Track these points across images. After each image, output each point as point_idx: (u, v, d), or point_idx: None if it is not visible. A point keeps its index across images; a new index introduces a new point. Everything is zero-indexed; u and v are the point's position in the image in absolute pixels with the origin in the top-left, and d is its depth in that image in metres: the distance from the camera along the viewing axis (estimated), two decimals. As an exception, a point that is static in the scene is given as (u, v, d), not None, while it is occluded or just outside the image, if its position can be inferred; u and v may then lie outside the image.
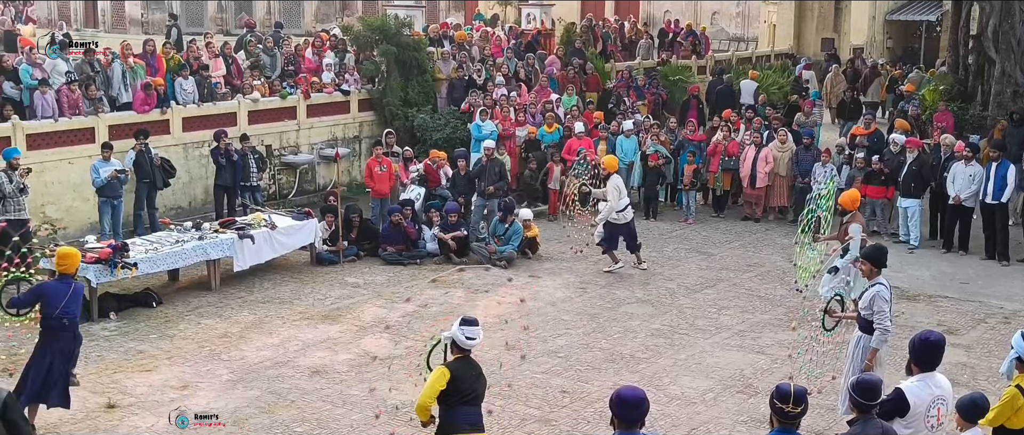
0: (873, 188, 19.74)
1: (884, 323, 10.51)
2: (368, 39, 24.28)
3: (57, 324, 11.11)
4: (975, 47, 26.50)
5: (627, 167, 21.57)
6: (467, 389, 8.94)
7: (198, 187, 20.81)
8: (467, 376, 8.97)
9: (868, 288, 10.74)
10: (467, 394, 8.94)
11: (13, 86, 19.64)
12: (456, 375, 8.86)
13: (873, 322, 10.49)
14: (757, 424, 11.32)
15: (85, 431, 11.35)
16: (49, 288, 11.26)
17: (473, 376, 9.05)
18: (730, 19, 43.30)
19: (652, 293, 16.44)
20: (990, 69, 25.08)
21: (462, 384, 8.89)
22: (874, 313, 10.54)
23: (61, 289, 11.15)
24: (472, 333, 8.98)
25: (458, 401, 8.91)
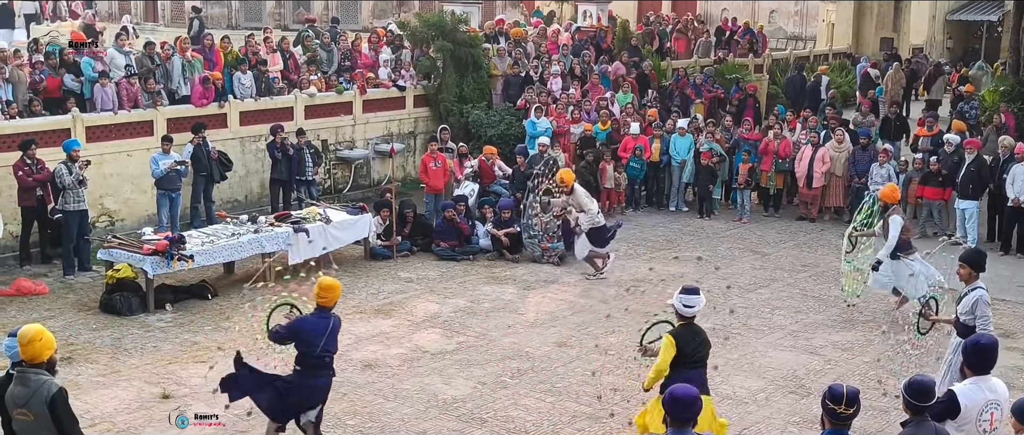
0: (930, 189, 19.59)
1: (988, 328, 10.30)
2: (424, 35, 24.36)
3: (318, 362, 10.21)
4: (1038, 47, 26.12)
5: (680, 165, 21.54)
6: (691, 353, 9.75)
7: (254, 181, 20.97)
8: (692, 341, 9.78)
9: (968, 292, 10.55)
10: (691, 358, 9.74)
11: (74, 79, 19.89)
12: (681, 342, 9.70)
13: (976, 327, 10.33)
14: (809, 425, 11.23)
15: (141, 421, 11.46)
16: (309, 324, 10.23)
17: (698, 341, 9.85)
18: (788, 17, 42.98)
19: (705, 292, 16.34)
20: (1053, 70, 24.73)
21: (687, 348, 9.71)
22: (976, 318, 10.39)
23: (320, 325, 10.18)
24: (690, 301, 9.83)
25: (683, 365, 9.67)
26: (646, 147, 21.52)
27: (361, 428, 11.40)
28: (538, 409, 11.85)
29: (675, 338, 9.73)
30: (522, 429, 11.35)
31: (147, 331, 14.35)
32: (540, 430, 11.32)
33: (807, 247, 19.20)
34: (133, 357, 13.38)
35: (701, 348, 9.88)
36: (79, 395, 11.68)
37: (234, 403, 10.39)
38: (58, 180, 16.50)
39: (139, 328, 14.47)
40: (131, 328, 14.45)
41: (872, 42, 38.57)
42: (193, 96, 20.26)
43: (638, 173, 21.71)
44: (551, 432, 11.27)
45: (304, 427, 10.22)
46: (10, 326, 8.31)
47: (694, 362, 9.77)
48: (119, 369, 12.94)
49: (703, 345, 9.91)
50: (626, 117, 22.71)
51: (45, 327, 7.89)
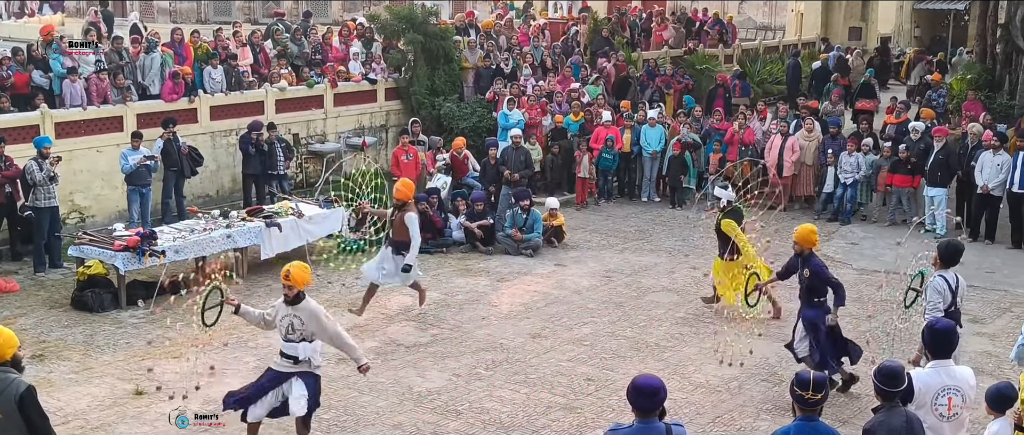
0: (899, 177, 19.72)
1: (935, 314, 10.42)
2: (395, 28, 24.32)
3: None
4: (1003, 36, 26.33)
5: (651, 156, 21.57)
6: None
7: (226, 175, 20.90)
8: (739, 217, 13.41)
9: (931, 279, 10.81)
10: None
11: (42, 74, 19.75)
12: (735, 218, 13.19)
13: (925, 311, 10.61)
14: (781, 412, 11.29)
15: (113, 418, 11.41)
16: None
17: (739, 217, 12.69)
18: (757, 8, 43.21)
19: (677, 282, 16.42)
20: (1018, 58, 24.93)
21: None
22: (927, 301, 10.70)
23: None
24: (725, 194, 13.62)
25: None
26: (617, 138, 21.55)
27: (337, 421, 11.38)
28: (513, 400, 11.87)
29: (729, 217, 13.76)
30: (497, 420, 11.36)
31: (119, 327, 14.27)
32: (515, 421, 11.34)
33: (778, 236, 19.22)
34: (106, 354, 13.31)
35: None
36: (52, 392, 11.62)
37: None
38: (29, 177, 16.39)
39: (111, 324, 14.39)
40: (103, 324, 14.37)
41: (841, 32, 38.79)
42: (163, 91, 20.16)
43: (610, 164, 21.73)
44: (526, 423, 11.29)
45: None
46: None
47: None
48: (91, 366, 12.87)
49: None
50: (597, 108, 22.77)
51: (12, 325, 7.84)
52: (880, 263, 17.29)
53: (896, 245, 14.95)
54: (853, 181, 19.99)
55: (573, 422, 11.42)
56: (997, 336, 13.99)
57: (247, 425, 10.27)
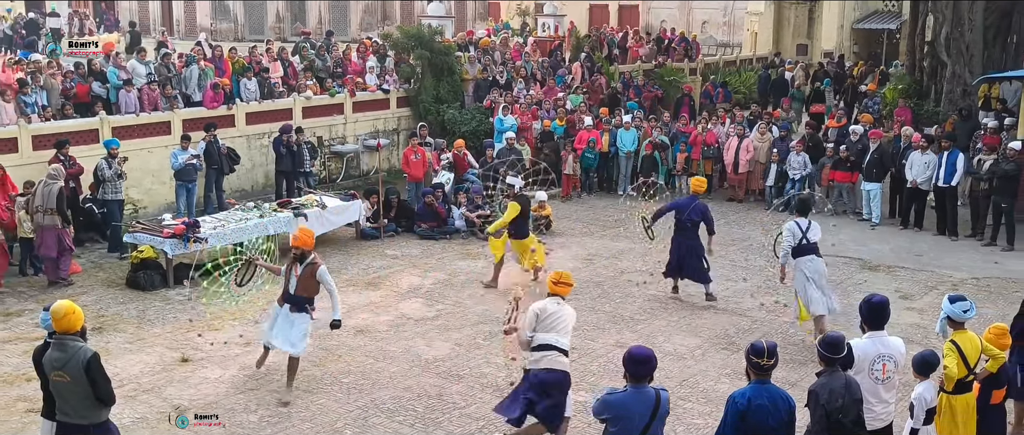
0: (840, 173, 19.74)
1: (786, 249, 12.65)
2: (405, 45, 24.29)
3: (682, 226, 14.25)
4: (930, 52, 26.31)
5: (626, 155, 21.58)
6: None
7: (259, 173, 20.87)
8: (528, 205, 12.79)
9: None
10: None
11: (101, 85, 19.72)
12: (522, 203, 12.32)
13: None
14: (739, 376, 11.27)
15: (162, 381, 11.41)
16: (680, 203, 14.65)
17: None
18: (718, 27, 43.19)
19: (649, 264, 16.41)
20: (942, 71, 24.93)
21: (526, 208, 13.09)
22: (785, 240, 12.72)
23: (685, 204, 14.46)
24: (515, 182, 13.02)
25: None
26: (598, 140, 21.56)
27: (355, 385, 11.38)
28: (507, 366, 11.85)
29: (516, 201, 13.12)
30: (493, 384, 11.36)
31: (167, 304, 14.26)
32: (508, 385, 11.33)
33: (736, 224, 19.29)
34: (156, 326, 13.29)
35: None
36: (109, 360, 11.57)
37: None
38: (99, 174, 16.45)
39: (160, 301, 14.37)
40: (153, 301, 14.35)
41: (790, 48, 38.74)
42: (205, 100, 20.15)
43: (592, 162, 21.75)
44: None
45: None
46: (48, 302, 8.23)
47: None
48: (143, 337, 12.86)
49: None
50: (579, 115, 22.78)
51: (76, 302, 7.85)
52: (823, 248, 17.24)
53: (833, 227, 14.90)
54: (800, 177, 19.99)
55: (559, 385, 11.43)
56: (925, 310, 14.00)
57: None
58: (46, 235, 14.80)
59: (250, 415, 10.57)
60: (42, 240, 14.85)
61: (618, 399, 6.94)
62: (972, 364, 8.47)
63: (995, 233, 17.73)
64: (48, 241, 14.81)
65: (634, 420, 6.89)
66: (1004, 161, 17.54)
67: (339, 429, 10.29)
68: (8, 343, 12.54)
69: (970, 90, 23.72)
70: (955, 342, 8.44)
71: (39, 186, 14.96)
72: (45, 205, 14.74)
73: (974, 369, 8.54)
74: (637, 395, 6.92)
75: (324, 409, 10.73)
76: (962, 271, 16.12)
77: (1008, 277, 15.65)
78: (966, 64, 23.74)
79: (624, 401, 6.92)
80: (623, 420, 6.91)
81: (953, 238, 18.10)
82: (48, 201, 14.74)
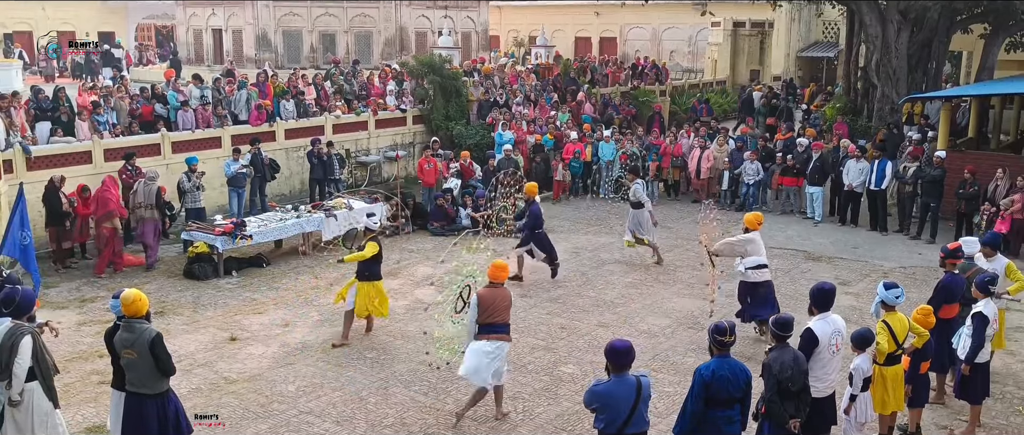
0: (787, 179, 19.67)
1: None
2: (420, 71, 24.21)
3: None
4: (862, 76, 26.28)
5: (606, 164, 21.51)
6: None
7: (296, 180, 20.77)
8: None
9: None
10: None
11: (162, 107, 19.64)
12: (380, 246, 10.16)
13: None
14: (703, 352, 11.20)
15: (214, 357, 11.35)
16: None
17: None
18: (683, 55, 43.16)
19: (626, 256, 16.36)
20: (873, 92, 24.91)
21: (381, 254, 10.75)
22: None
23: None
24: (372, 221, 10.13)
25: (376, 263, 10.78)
26: (582, 151, 21.50)
27: (377, 360, 11.32)
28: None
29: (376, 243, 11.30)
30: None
31: (218, 292, 14.19)
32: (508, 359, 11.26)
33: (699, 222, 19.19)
34: (208, 310, 13.23)
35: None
36: (168, 339, 11.38)
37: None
38: (181, 186, 16.51)
39: (212, 289, 14.31)
40: (206, 289, 14.29)
41: (744, 72, 38.69)
42: (250, 118, 20.07)
43: (578, 170, 21.69)
44: (516, 359, 11.20)
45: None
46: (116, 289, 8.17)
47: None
48: (198, 320, 12.80)
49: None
50: (566, 130, 22.73)
51: (141, 290, 7.80)
52: (773, 242, 17.24)
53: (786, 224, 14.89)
54: (754, 182, 19.92)
55: (550, 359, 11.37)
56: (860, 295, 13.96)
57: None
58: (145, 226, 15.41)
59: (288, 386, 10.51)
60: (142, 230, 15.43)
61: (604, 389, 6.79)
62: (900, 340, 8.45)
63: (920, 229, 17.68)
64: (147, 230, 15.40)
65: (620, 406, 6.76)
66: (930, 167, 17.49)
67: (364, 397, 10.23)
68: (83, 325, 12.47)
69: (897, 108, 23.70)
70: (887, 322, 8.41)
71: (140, 185, 15.47)
72: (146, 201, 15.37)
73: (902, 344, 8.50)
74: (620, 383, 6.79)
75: (351, 380, 10.67)
76: (891, 261, 16.07)
77: (931, 266, 15.58)
78: (893, 86, 23.70)
79: (609, 390, 6.78)
80: (610, 408, 6.77)
81: (883, 233, 18.04)
82: (148, 198, 15.38)
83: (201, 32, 37.80)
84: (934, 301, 9.75)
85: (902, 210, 18.22)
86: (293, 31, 35.26)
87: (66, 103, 18.48)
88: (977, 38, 26.38)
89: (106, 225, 14.94)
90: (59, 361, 9.17)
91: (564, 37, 46.32)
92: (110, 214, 14.91)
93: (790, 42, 37.75)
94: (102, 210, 14.94)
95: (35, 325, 8.10)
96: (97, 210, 15.00)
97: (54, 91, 18.77)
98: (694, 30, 42.43)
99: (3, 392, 7.68)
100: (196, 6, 37.64)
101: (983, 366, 9.28)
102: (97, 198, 15.04)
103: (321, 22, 35.41)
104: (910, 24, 23.46)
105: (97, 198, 15.04)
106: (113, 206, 14.99)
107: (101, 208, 14.94)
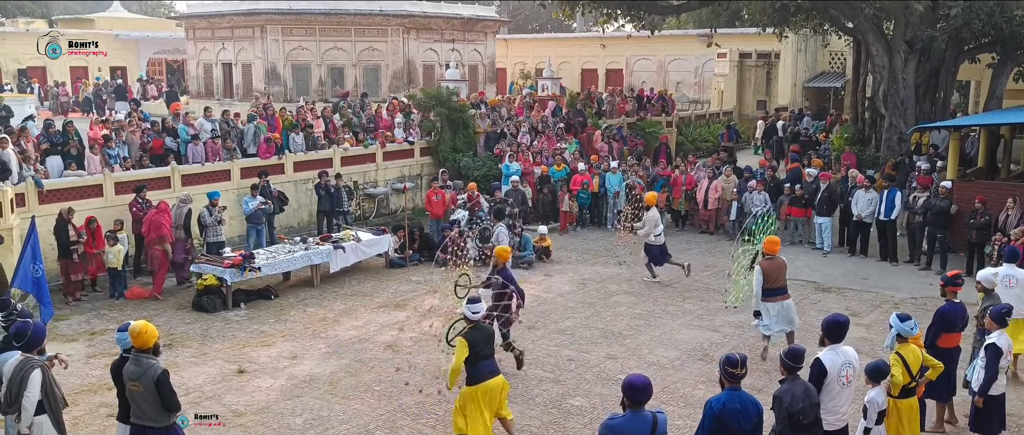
0: (796, 209, 19.60)
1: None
2: (427, 104, 24.34)
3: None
4: (870, 106, 26.30)
5: (614, 195, 21.52)
6: (482, 348, 8.93)
7: (304, 212, 20.80)
8: (480, 339, 8.95)
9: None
10: (482, 353, 8.95)
11: (172, 140, 19.74)
12: (472, 341, 8.86)
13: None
14: (712, 384, 11.14)
15: (222, 390, 11.29)
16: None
17: (484, 339, 9.01)
18: (689, 87, 43.22)
19: (634, 287, 16.30)
20: (881, 122, 24.90)
21: (477, 346, 8.88)
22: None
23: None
24: (475, 308, 9.01)
25: (477, 359, 8.92)
26: (590, 182, 21.52)
27: (385, 392, 11.25)
28: (514, 376, 11.72)
29: (467, 339, 8.82)
30: (503, 390, 11.21)
31: (227, 324, 14.17)
32: (516, 391, 11.17)
33: (707, 253, 19.16)
34: (217, 343, 13.20)
35: (489, 343, 9.05)
36: (177, 372, 11.50)
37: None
38: (202, 220, 16.61)
39: (221, 322, 14.28)
40: (215, 322, 14.26)
41: (751, 103, 38.72)
42: (259, 151, 20.15)
43: (585, 201, 21.69)
44: (524, 392, 11.15)
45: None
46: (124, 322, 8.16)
47: (487, 355, 8.99)
48: (206, 352, 12.76)
49: (490, 340, 9.09)
50: (574, 161, 22.75)
51: (150, 322, 7.79)
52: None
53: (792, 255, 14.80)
54: (760, 212, 19.81)
55: (558, 391, 11.29)
56: (871, 326, 13.84)
57: None
58: (176, 246, 16.15)
59: (296, 418, 10.45)
60: (173, 250, 16.06)
61: (619, 423, 6.59)
62: (915, 372, 8.37)
63: (930, 259, 17.58)
64: (177, 250, 16.17)
65: None
66: (937, 198, 17.43)
67: (371, 430, 10.16)
68: (92, 358, 12.46)
69: (905, 138, 23.66)
70: (900, 354, 8.33)
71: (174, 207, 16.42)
72: (177, 222, 16.22)
73: (917, 377, 8.42)
74: (636, 419, 6.59)
75: (359, 413, 10.60)
76: (902, 292, 15.96)
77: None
78: (901, 116, 23.69)
79: (624, 425, 6.57)
80: None
81: (893, 264, 17.94)
82: (178, 220, 16.26)
83: (211, 66, 38.11)
84: (932, 330, 9.68)
85: (912, 240, 18.13)
86: (302, 65, 35.51)
87: (76, 137, 18.61)
88: (985, 67, 26.39)
89: (157, 247, 15.79)
90: (68, 393, 9.15)
91: (570, 69, 46.52)
92: (162, 238, 15.81)
93: (796, 72, 37.77)
94: (155, 234, 15.81)
95: (45, 358, 8.10)
96: (149, 233, 15.88)
97: (63, 125, 18.92)
98: (700, 61, 42.56)
99: (12, 425, 7.66)
100: (207, 41, 37.97)
101: (998, 398, 9.17)
102: (150, 221, 15.89)
103: (330, 56, 35.67)
104: (917, 54, 23.50)
105: (150, 221, 15.89)
106: (165, 231, 15.88)
107: (154, 231, 15.82)
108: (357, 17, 35.47)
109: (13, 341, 7.78)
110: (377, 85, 36.10)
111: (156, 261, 15.78)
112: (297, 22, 35.02)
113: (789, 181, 20.41)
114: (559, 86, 32.97)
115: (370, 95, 31.34)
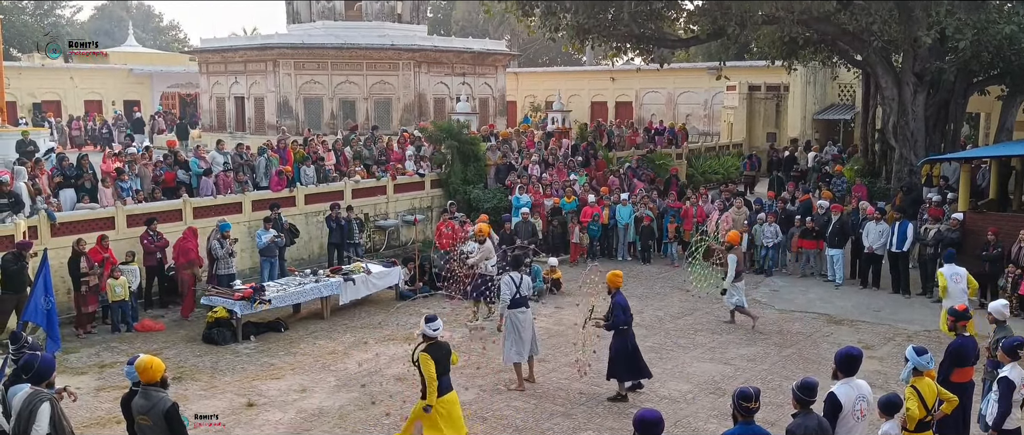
0: (807, 242, 19.50)
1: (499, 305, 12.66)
2: (438, 137, 24.41)
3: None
4: (880, 138, 26.22)
5: (624, 227, 21.47)
6: (442, 365, 9.35)
7: (315, 244, 20.81)
8: (440, 355, 9.37)
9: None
10: (442, 367, 9.35)
11: (185, 173, 19.82)
12: (435, 357, 9.27)
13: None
14: (725, 418, 11.02)
15: (231, 423, 11.22)
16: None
17: (443, 354, 9.41)
18: (699, 119, 43.27)
19: (646, 319, 16.19)
20: (891, 154, 24.81)
21: (440, 363, 9.32)
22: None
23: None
24: (435, 326, 9.38)
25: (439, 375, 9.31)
26: (601, 214, 21.49)
27: (394, 426, 11.14)
28: (524, 409, 11.64)
29: (428, 354, 9.25)
30: (513, 424, 11.12)
31: (236, 356, 14.12)
32: (526, 425, 11.11)
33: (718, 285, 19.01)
34: (226, 376, 13.14)
35: (446, 359, 9.45)
36: (186, 405, 11.42)
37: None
38: (213, 253, 16.52)
39: (231, 354, 14.23)
40: (225, 354, 14.21)
41: (760, 136, 38.70)
42: (271, 184, 20.21)
43: (595, 233, 21.64)
44: (534, 426, 11.06)
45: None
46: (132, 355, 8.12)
47: (443, 371, 9.36)
48: (216, 385, 12.70)
49: (448, 356, 9.48)
50: (585, 193, 22.73)
51: (158, 355, 7.75)
52: (794, 305, 17.06)
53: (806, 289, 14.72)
54: (772, 244, 19.79)
55: (569, 426, 11.18)
56: (884, 359, 13.70)
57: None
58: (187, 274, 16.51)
59: (305, 452, 10.37)
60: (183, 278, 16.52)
61: None
62: (930, 406, 8.25)
63: (942, 291, 17.41)
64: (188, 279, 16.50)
65: None
66: (948, 230, 17.33)
67: (381, 464, 10.06)
68: (101, 391, 12.41)
69: (915, 170, 23.57)
70: (916, 387, 8.22)
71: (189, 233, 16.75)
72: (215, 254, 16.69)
73: (932, 410, 8.31)
74: None
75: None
76: (915, 324, 15.81)
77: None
78: (912, 148, 23.61)
79: None
80: None
81: (906, 296, 17.80)
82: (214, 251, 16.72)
83: (223, 99, 38.38)
84: (944, 366, 9.56)
85: (924, 272, 18.00)
86: (314, 98, 35.74)
87: (90, 170, 18.71)
88: (994, 99, 26.34)
89: (186, 272, 16.31)
90: (77, 426, 9.10)
91: (580, 101, 46.68)
92: (191, 263, 16.37)
93: (806, 105, 37.77)
94: (184, 259, 16.34)
95: (53, 391, 8.07)
96: (179, 258, 16.43)
97: (78, 158, 19.03)
98: (709, 94, 42.64)
99: (20, 459, 7.60)
100: (219, 75, 38.27)
101: (1012, 433, 9.03)
102: (178, 248, 16.41)
103: (342, 89, 35.90)
104: (926, 86, 23.47)
105: (178, 248, 16.41)
106: (194, 256, 16.40)
107: (183, 256, 16.34)
108: (369, 51, 35.73)
109: (21, 373, 7.76)
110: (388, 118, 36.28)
111: (185, 285, 16.38)
112: (309, 56, 35.29)
113: (800, 213, 20.34)
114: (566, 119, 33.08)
115: (381, 128, 31.47)
